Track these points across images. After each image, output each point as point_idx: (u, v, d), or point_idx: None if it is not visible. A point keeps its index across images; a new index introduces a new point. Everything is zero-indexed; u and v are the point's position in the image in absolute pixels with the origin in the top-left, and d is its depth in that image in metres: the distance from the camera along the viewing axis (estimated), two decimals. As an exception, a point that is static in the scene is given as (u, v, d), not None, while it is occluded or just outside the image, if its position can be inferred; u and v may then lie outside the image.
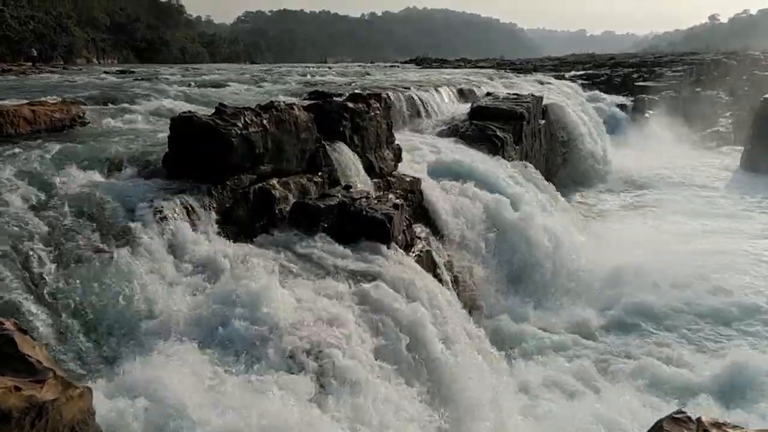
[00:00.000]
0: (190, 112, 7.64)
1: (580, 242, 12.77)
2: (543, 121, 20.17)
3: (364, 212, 7.61)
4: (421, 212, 10.75)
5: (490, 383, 6.95)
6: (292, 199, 7.81)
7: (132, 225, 5.97)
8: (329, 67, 38.85)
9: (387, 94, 15.21)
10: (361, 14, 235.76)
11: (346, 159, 9.35)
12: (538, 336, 9.92)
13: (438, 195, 11.22)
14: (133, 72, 24.62)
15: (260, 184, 7.55)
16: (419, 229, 9.79)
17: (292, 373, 4.97)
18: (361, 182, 9.28)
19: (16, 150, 7.16)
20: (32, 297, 5.00)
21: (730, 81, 37.60)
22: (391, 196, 8.92)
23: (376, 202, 8.08)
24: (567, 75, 34.98)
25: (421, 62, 59.15)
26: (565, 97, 24.83)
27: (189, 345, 4.91)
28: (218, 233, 6.75)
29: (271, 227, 7.40)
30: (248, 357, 4.98)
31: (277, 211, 7.52)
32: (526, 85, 25.22)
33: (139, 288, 5.46)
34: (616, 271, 11.77)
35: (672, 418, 3.74)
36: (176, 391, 4.24)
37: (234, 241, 6.79)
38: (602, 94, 30.51)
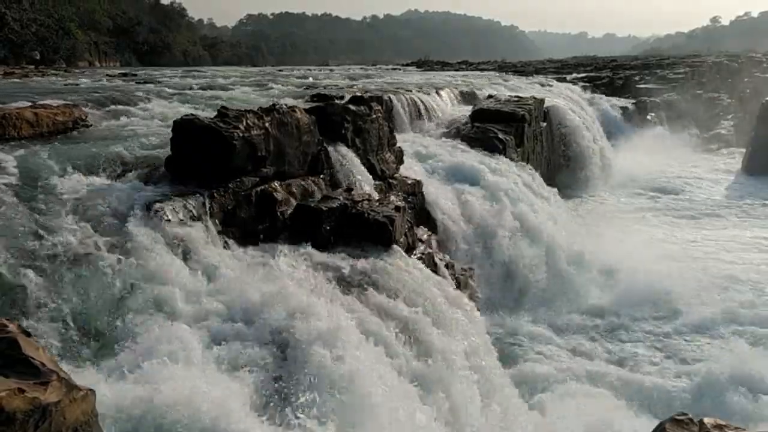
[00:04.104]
0: (192, 114, 7.65)
1: (581, 248, 12.74)
2: (544, 124, 20.17)
3: (366, 215, 7.63)
4: (423, 214, 10.76)
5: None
6: (294, 202, 7.83)
7: (134, 227, 5.98)
8: (331, 70, 38.87)
9: (388, 97, 15.25)
10: (363, 17, 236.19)
11: (348, 161, 9.37)
12: (535, 338, 9.93)
13: (440, 197, 11.24)
14: (135, 75, 24.66)
15: (262, 187, 7.56)
16: (421, 232, 9.80)
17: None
18: (363, 185, 9.29)
19: (19, 152, 7.18)
20: (34, 298, 5.02)
21: (731, 83, 37.62)
22: (392, 198, 8.94)
23: (377, 204, 8.09)
24: (568, 77, 34.96)
25: (423, 65, 59.27)
26: (567, 99, 24.83)
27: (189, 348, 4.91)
28: (220, 236, 6.77)
29: (273, 230, 7.42)
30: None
31: (279, 214, 7.54)
32: (528, 88, 25.23)
33: (141, 290, 5.48)
34: (609, 277, 11.80)
35: (674, 420, 3.75)
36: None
37: (236, 244, 6.81)
38: (603, 96, 30.47)
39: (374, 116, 10.35)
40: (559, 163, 21.56)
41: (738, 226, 16.95)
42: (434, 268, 8.66)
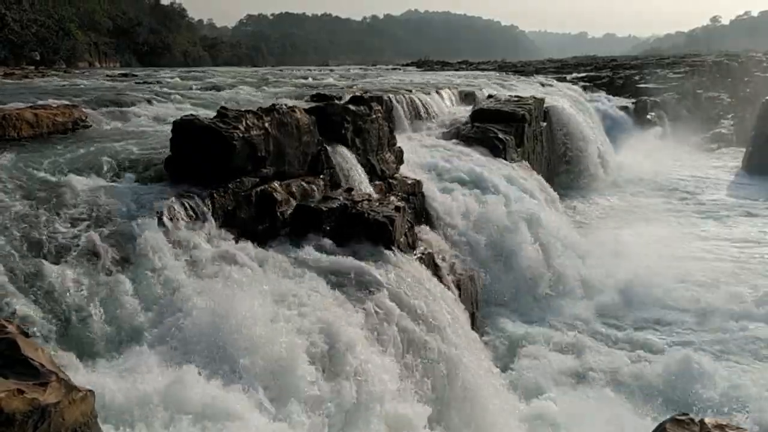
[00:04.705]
0: (192, 114, 7.64)
1: (578, 247, 12.72)
2: (545, 124, 20.15)
3: (366, 215, 7.62)
4: (423, 214, 10.75)
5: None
6: (293, 202, 7.82)
7: (134, 228, 5.96)
8: (331, 70, 38.89)
9: (388, 97, 15.24)
10: (363, 17, 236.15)
11: (348, 161, 9.36)
12: (535, 338, 9.93)
13: (440, 197, 11.22)
14: (135, 75, 24.67)
15: (262, 187, 7.55)
16: (421, 232, 9.79)
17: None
18: (363, 185, 9.28)
19: (19, 153, 7.18)
20: (34, 299, 5.01)
21: (731, 82, 37.62)
22: (392, 198, 8.93)
23: (377, 204, 8.08)
24: (568, 77, 34.97)
25: (423, 65, 59.31)
26: (567, 99, 24.81)
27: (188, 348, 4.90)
28: (220, 236, 6.75)
29: (272, 230, 7.41)
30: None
31: (278, 214, 7.53)
32: (528, 88, 25.22)
33: (142, 291, 5.47)
34: (609, 277, 11.79)
35: (675, 420, 3.74)
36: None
37: (236, 244, 6.80)
38: (604, 96, 30.47)
39: (374, 116, 10.34)
40: (559, 163, 21.55)
41: (739, 224, 16.94)
42: (434, 269, 8.65)
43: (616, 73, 37.22)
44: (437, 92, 18.68)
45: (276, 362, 4.97)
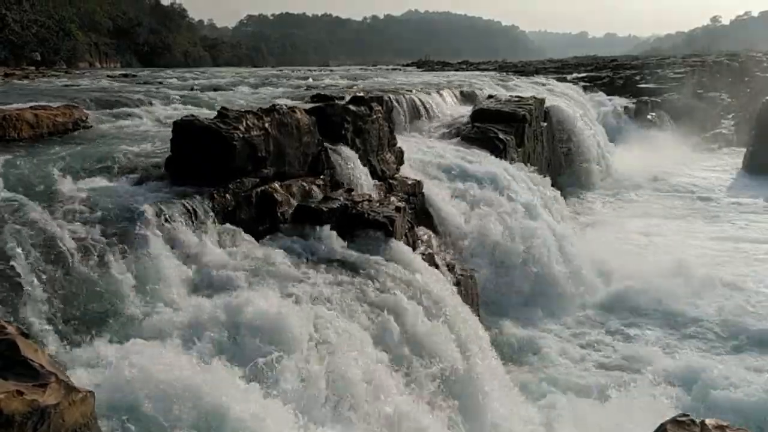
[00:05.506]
0: (192, 115, 7.64)
1: (580, 246, 12.71)
2: (545, 124, 20.13)
3: (366, 215, 7.62)
4: (423, 215, 10.74)
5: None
6: (294, 203, 7.81)
7: (134, 228, 5.96)
8: (331, 71, 38.90)
9: (389, 97, 15.22)
10: (363, 18, 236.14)
11: (348, 162, 9.35)
12: (535, 338, 9.91)
13: (440, 197, 11.21)
14: (135, 75, 24.71)
15: (262, 188, 7.54)
16: (421, 232, 9.79)
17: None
18: (363, 185, 9.27)
19: (19, 154, 7.18)
20: (33, 300, 5.00)
21: (732, 82, 37.58)
22: (393, 198, 8.92)
23: (378, 205, 8.09)
24: (569, 77, 34.92)
25: (423, 65, 59.36)
26: (567, 99, 24.79)
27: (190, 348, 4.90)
28: (220, 237, 6.75)
29: (273, 230, 7.40)
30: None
31: (279, 215, 7.52)
32: (528, 87, 25.17)
33: (141, 291, 5.47)
34: (609, 277, 11.79)
35: (675, 421, 3.73)
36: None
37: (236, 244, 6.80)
38: (604, 96, 30.44)
39: (374, 117, 10.34)
40: (560, 163, 21.52)
41: (738, 223, 16.94)
42: (435, 269, 8.64)
43: (616, 73, 37.20)
44: (438, 92, 18.67)
45: None
